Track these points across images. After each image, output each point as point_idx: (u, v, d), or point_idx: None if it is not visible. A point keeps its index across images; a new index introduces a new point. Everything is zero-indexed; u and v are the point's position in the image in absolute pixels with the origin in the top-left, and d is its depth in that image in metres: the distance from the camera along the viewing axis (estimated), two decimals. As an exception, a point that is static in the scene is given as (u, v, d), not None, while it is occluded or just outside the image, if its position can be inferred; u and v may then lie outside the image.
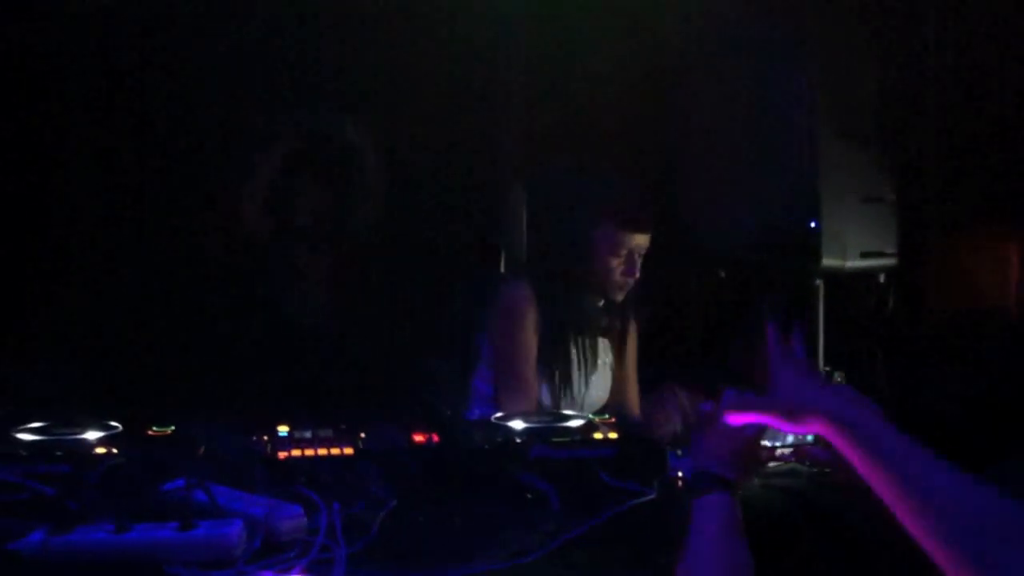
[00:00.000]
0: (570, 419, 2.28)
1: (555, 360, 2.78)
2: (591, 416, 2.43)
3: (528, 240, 3.63)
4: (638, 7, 3.80)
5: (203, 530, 1.66)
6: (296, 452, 2.03)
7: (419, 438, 2.13)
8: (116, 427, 2.09)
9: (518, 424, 2.21)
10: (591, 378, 2.87)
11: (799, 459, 2.22)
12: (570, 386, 2.80)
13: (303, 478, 1.95)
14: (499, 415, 2.33)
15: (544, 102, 4.00)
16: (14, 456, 1.95)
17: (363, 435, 2.15)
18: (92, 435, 2.04)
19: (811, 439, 2.19)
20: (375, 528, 1.80)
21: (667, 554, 1.68)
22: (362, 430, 2.18)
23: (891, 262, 3.56)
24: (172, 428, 2.14)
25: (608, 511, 1.89)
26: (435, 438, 2.13)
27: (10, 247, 3.34)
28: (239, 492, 1.84)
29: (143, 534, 1.65)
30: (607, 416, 2.46)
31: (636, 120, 3.92)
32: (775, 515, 2.05)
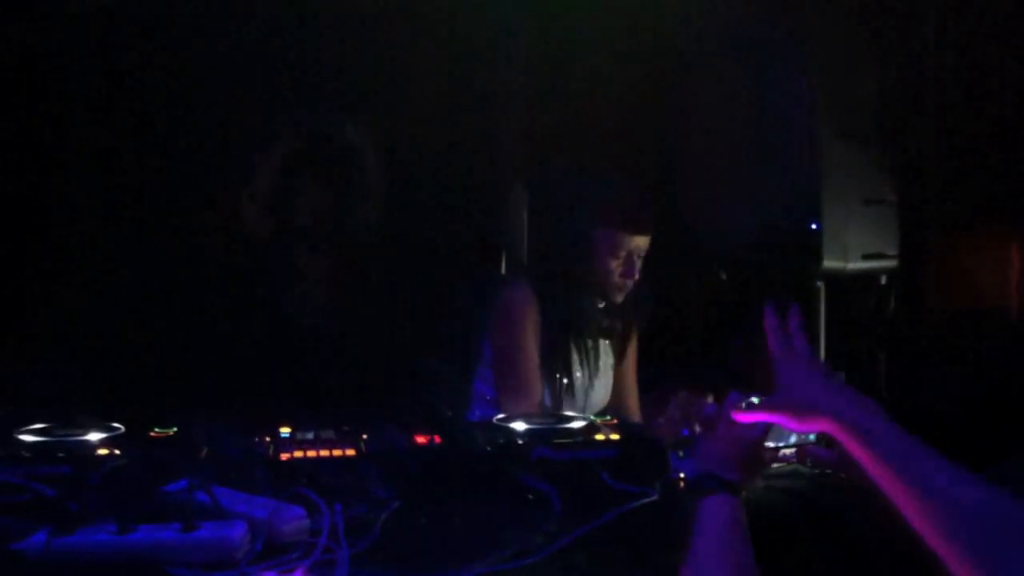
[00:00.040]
0: (572, 420, 2.28)
1: (556, 361, 2.78)
2: (592, 417, 2.43)
3: (529, 241, 3.62)
4: (638, 7, 3.80)
5: (205, 531, 1.65)
6: (298, 453, 2.03)
7: (421, 439, 2.13)
8: (118, 428, 2.09)
9: (519, 425, 2.21)
10: (592, 379, 2.86)
11: (801, 460, 2.22)
12: (571, 387, 2.80)
13: (305, 479, 1.95)
14: (500, 416, 2.33)
15: (544, 102, 4.00)
16: (16, 457, 1.95)
17: (365, 436, 2.15)
18: (94, 436, 2.04)
19: (813, 438, 2.19)
20: (377, 529, 1.79)
21: (669, 555, 1.68)
22: (364, 431, 2.18)
23: (892, 264, 3.57)
24: (174, 429, 2.14)
25: (610, 512, 1.89)
26: (437, 439, 2.13)
27: (10, 247, 3.34)
28: (241, 493, 1.83)
29: (145, 535, 1.65)
30: (608, 417, 2.46)
31: (636, 120, 3.92)
32: (776, 516, 2.05)
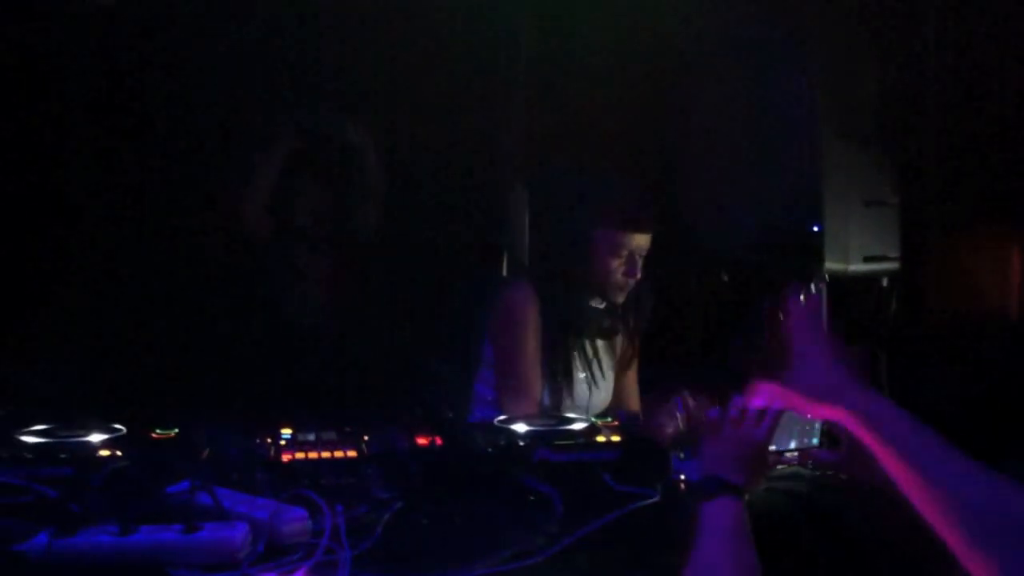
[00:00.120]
0: (573, 422, 2.28)
1: (556, 362, 2.78)
2: (593, 419, 2.43)
3: (529, 241, 3.62)
4: (638, 7, 3.80)
5: (207, 533, 1.66)
6: (300, 455, 2.03)
7: (422, 441, 2.13)
8: (120, 430, 2.09)
9: (521, 427, 2.21)
10: (592, 380, 2.86)
11: (802, 462, 2.22)
12: (572, 388, 2.80)
13: (307, 481, 1.96)
14: (501, 418, 2.33)
15: (544, 102, 4.00)
16: (18, 459, 1.96)
17: (366, 438, 2.15)
18: (96, 438, 2.04)
19: (816, 441, 2.20)
20: (379, 530, 1.79)
21: (670, 557, 1.69)
22: (365, 433, 2.18)
23: (894, 266, 3.56)
24: (176, 431, 2.14)
25: (611, 514, 1.89)
26: (438, 441, 2.13)
27: (11, 247, 3.34)
28: (243, 495, 1.84)
29: (147, 536, 1.65)
30: (609, 419, 2.46)
31: (636, 120, 3.92)
32: (777, 517, 2.05)
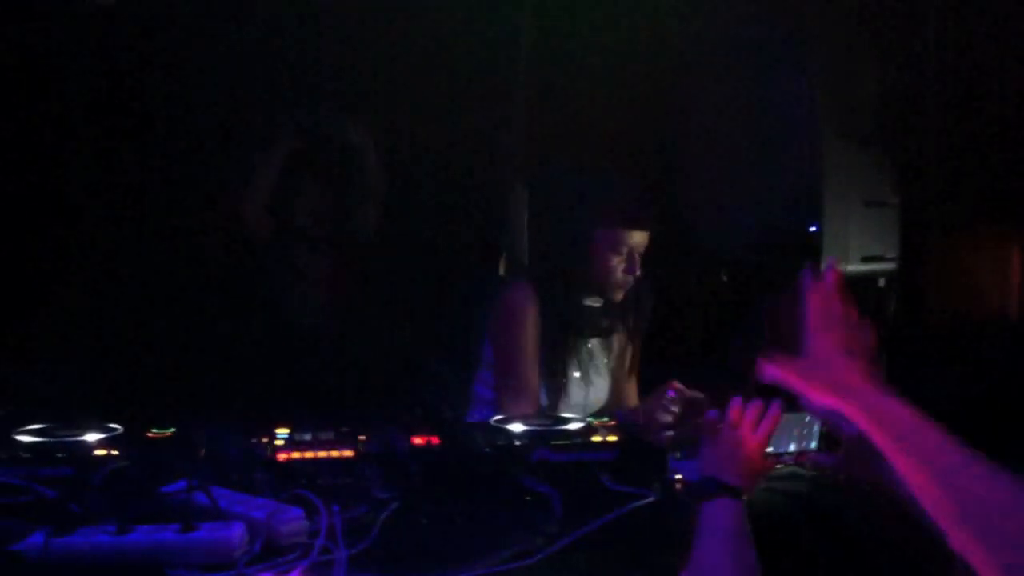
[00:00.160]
0: (570, 422, 2.28)
1: (554, 362, 2.78)
2: (590, 419, 2.43)
3: (529, 241, 3.62)
4: (638, 7, 3.80)
5: (204, 532, 1.66)
6: (296, 454, 2.03)
7: (419, 440, 2.13)
8: (116, 429, 2.09)
9: (518, 427, 2.21)
10: (590, 380, 2.86)
11: (800, 464, 2.22)
12: (569, 388, 2.80)
13: (304, 480, 1.96)
14: (499, 418, 2.33)
15: (544, 102, 4.00)
16: (15, 458, 1.96)
17: (363, 437, 2.15)
18: (92, 437, 2.04)
19: (814, 445, 2.20)
20: (376, 530, 1.79)
21: (668, 556, 1.69)
22: (362, 432, 2.18)
23: (891, 267, 3.56)
24: (172, 430, 2.14)
25: (608, 514, 1.89)
26: (435, 440, 2.13)
27: (11, 247, 3.34)
28: (240, 494, 1.84)
29: (144, 536, 1.65)
30: (606, 418, 2.46)
31: (636, 120, 3.92)
32: (777, 517, 2.05)
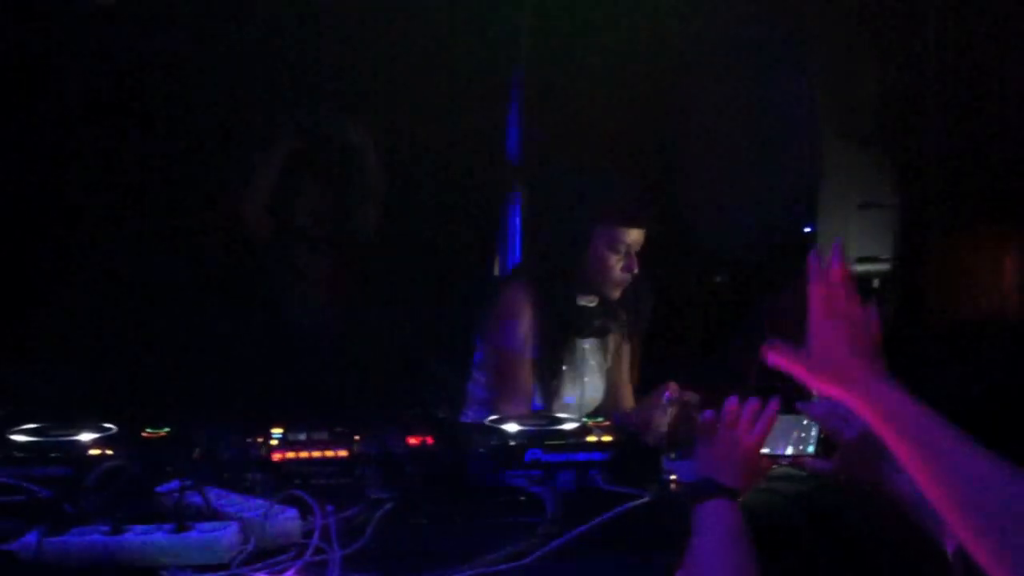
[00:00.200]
0: (564, 422, 2.28)
1: (549, 362, 2.78)
2: (584, 419, 2.43)
3: (527, 240, 3.63)
4: (638, 8, 3.80)
5: (198, 532, 1.66)
6: (291, 454, 2.03)
7: (414, 440, 2.13)
8: (111, 429, 2.09)
9: (512, 427, 2.21)
10: (585, 380, 2.86)
11: (798, 468, 2.21)
12: (563, 388, 2.80)
13: (298, 480, 1.96)
14: (494, 418, 2.33)
15: (544, 102, 4.00)
16: (9, 458, 1.96)
17: (358, 437, 2.15)
18: (87, 437, 2.05)
19: (812, 449, 2.19)
20: (370, 531, 1.80)
21: (662, 557, 1.69)
22: (357, 432, 2.18)
23: (886, 267, 3.56)
24: (167, 430, 2.14)
25: (603, 514, 1.89)
26: (430, 440, 2.13)
27: (10, 246, 3.34)
28: (234, 494, 1.84)
29: (138, 536, 1.65)
30: (600, 418, 2.46)
31: (636, 120, 3.92)
32: (777, 517, 2.05)
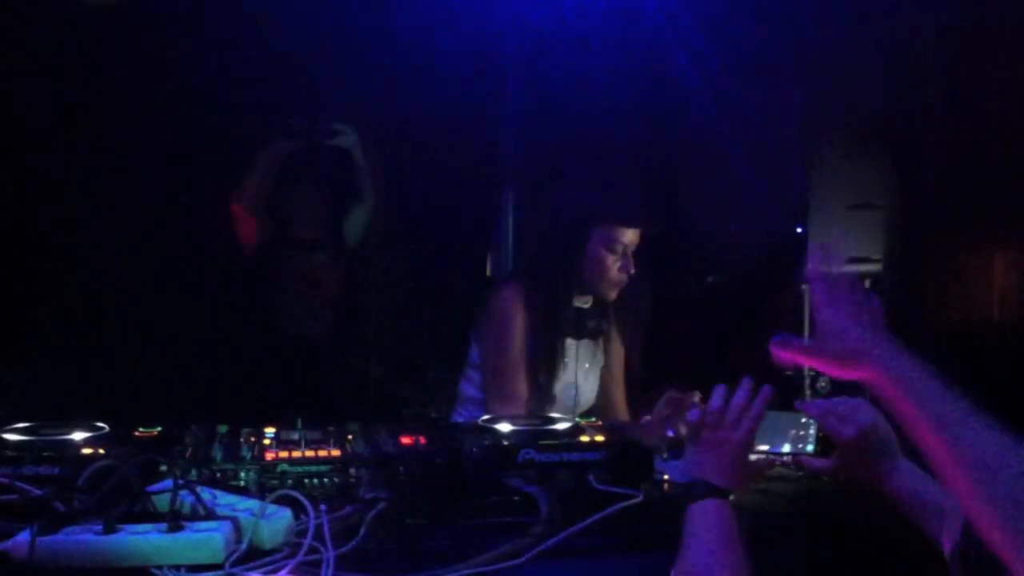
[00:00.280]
0: (557, 422, 2.28)
1: (543, 362, 2.78)
2: (578, 419, 2.43)
3: (525, 240, 3.63)
4: (638, 8, 3.80)
5: (191, 532, 1.66)
6: (284, 454, 2.04)
7: (407, 440, 2.13)
8: (103, 428, 2.09)
9: (506, 427, 2.21)
10: (579, 380, 2.86)
11: (796, 468, 2.21)
12: (557, 388, 2.80)
13: (291, 480, 1.96)
14: (487, 418, 2.33)
15: (543, 103, 4.00)
16: (1, 457, 1.95)
17: (351, 437, 2.16)
18: (79, 436, 2.05)
19: (811, 448, 2.19)
20: (363, 530, 1.80)
21: (655, 556, 1.69)
22: (350, 432, 2.18)
23: (876, 268, 3.56)
24: (159, 429, 2.14)
25: (595, 514, 1.89)
26: (423, 440, 2.14)
27: (8, 246, 3.35)
28: (227, 493, 1.84)
29: (131, 535, 1.66)
30: (593, 418, 2.46)
31: (633, 121, 3.92)
32: (776, 517, 2.05)
